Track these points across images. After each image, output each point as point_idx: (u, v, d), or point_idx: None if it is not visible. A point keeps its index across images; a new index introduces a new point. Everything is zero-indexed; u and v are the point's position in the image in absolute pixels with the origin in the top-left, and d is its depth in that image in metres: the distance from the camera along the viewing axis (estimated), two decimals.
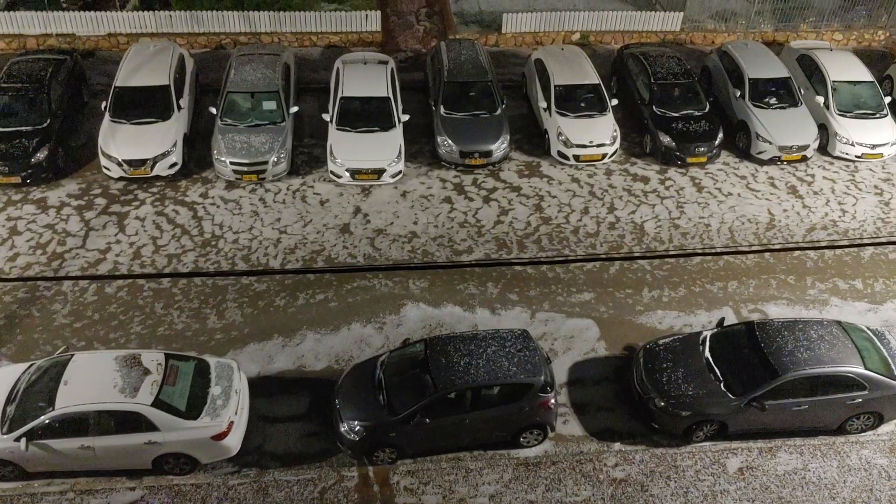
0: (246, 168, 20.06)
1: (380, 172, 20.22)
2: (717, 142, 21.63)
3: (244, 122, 20.60)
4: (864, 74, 23.07)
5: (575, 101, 21.88)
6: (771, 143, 21.63)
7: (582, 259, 19.13)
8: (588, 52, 24.18)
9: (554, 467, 14.94)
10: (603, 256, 19.06)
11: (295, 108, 21.39)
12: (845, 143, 22.08)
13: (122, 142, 19.90)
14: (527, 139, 22.57)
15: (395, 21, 27.36)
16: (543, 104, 22.07)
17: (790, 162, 22.07)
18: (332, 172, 20.40)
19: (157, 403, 13.67)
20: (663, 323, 17.67)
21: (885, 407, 15.28)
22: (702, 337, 15.99)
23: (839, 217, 20.59)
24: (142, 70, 21.23)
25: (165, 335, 16.74)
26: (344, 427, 14.41)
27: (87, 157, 20.94)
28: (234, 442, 14.23)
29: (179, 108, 20.78)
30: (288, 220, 19.62)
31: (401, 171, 20.59)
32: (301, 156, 21.51)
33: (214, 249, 18.70)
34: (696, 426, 15.04)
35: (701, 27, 27.34)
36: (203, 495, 14.15)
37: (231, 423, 14.08)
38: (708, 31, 27.32)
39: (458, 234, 19.44)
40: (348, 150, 20.23)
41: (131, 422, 13.58)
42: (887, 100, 22.78)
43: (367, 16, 25.86)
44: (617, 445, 15.37)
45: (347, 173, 20.18)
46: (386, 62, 22.54)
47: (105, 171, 20.07)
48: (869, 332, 16.00)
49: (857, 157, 22.16)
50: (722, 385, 15.05)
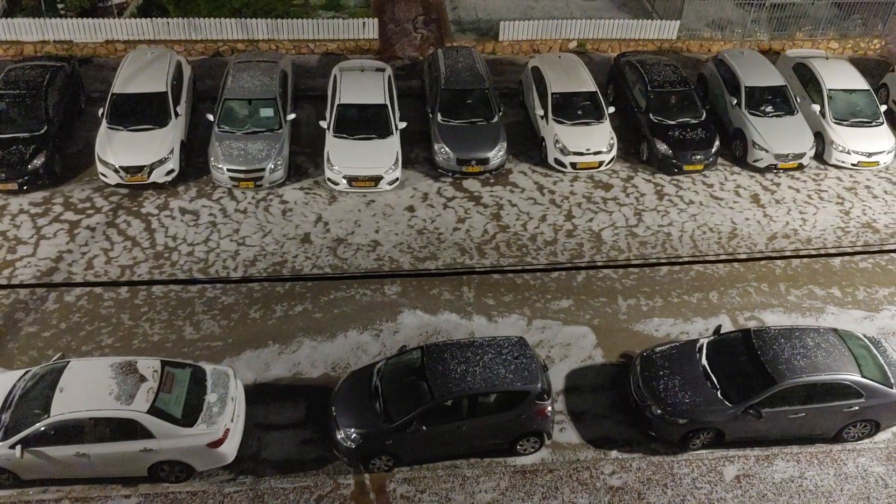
0: (243, 175, 20.06)
1: (377, 180, 20.23)
2: (713, 150, 21.68)
3: (241, 129, 20.61)
4: (860, 83, 23.16)
5: (572, 108, 21.92)
6: (767, 151, 21.68)
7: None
8: (585, 59, 24.25)
9: (551, 475, 14.91)
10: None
11: (292, 116, 21.42)
12: (841, 152, 22.15)
13: (119, 148, 19.89)
14: (524, 146, 22.61)
15: (392, 29, 27.43)
16: (540, 112, 22.11)
17: (786, 170, 22.13)
18: (330, 179, 20.41)
19: (153, 411, 13.62)
20: (660, 330, 17.68)
21: (881, 415, 15.29)
22: (698, 344, 15.99)
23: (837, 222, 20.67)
24: (139, 77, 21.25)
25: (142, 348, 16.51)
26: (340, 434, 14.38)
27: (84, 164, 20.94)
28: (230, 449, 14.18)
29: (176, 114, 20.79)
30: (247, 230, 19.42)
31: (398, 179, 20.61)
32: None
33: (168, 262, 18.45)
34: (693, 434, 15.03)
35: (697, 35, 27.44)
36: (199, 503, 14.09)
37: (227, 431, 14.03)
38: (704, 40, 27.42)
39: (450, 240, 19.46)
40: (345, 157, 20.25)
41: (127, 429, 13.53)
42: (883, 108, 22.88)
43: (364, 23, 25.91)
44: (614, 453, 15.35)
45: (344, 180, 20.18)
46: (383, 70, 22.58)
47: (102, 177, 20.05)
48: (866, 339, 16.01)
49: (853, 165, 22.23)
50: (719, 393, 15.04)
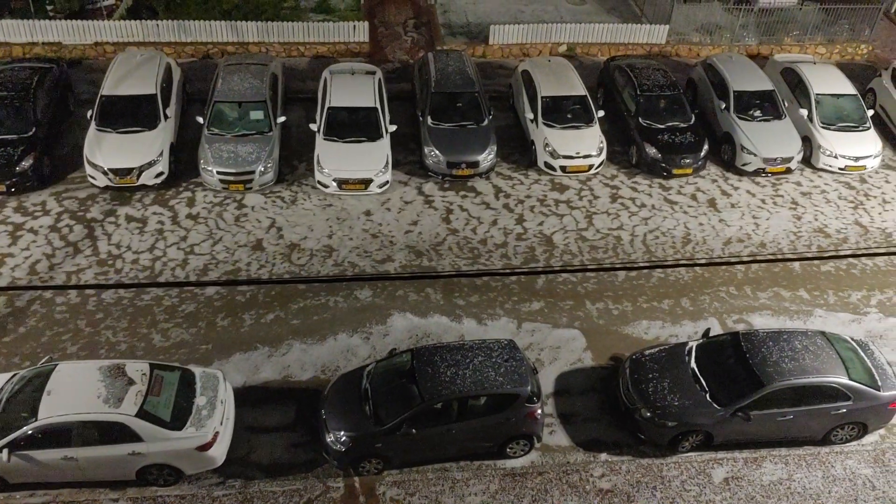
0: (233, 178, 20.02)
1: (367, 182, 20.23)
2: (702, 153, 21.77)
3: (231, 131, 20.57)
4: (847, 87, 23.30)
5: (562, 112, 21.99)
6: (755, 155, 21.80)
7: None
8: (574, 63, 24.31)
9: (540, 478, 14.93)
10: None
11: (282, 118, 21.39)
12: (829, 156, 22.29)
13: (108, 151, 19.81)
14: (513, 150, 22.66)
15: (382, 32, 27.45)
16: (530, 115, 22.16)
17: (774, 174, 22.24)
18: (320, 182, 20.39)
19: (142, 414, 13.57)
20: (649, 333, 17.74)
21: (868, 417, 15.38)
22: (688, 347, 16.04)
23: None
24: (128, 79, 21.18)
25: (113, 355, 16.33)
26: (330, 437, 14.35)
27: (72, 166, 20.85)
28: (219, 453, 14.14)
29: (166, 117, 20.73)
30: (195, 238, 19.14)
31: (388, 182, 20.61)
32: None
33: (112, 269, 18.21)
34: (682, 436, 15.08)
35: (686, 40, 27.57)
36: None
37: (216, 434, 13.99)
38: (693, 44, 27.55)
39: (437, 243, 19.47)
40: (336, 160, 20.24)
41: (115, 432, 13.47)
42: (870, 113, 23.03)
43: (354, 26, 25.91)
44: (603, 456, 15.38)
45: (334, 183, 20.17)
46: (373, 73, 22.58)
47: (91, 179, 19.97)
48: (853, 342, 16.11)
49: (840, 169, 22.37)
50: (708, 395, 15.09)
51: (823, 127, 22.59)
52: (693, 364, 15.65)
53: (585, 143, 21.49)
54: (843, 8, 27.72)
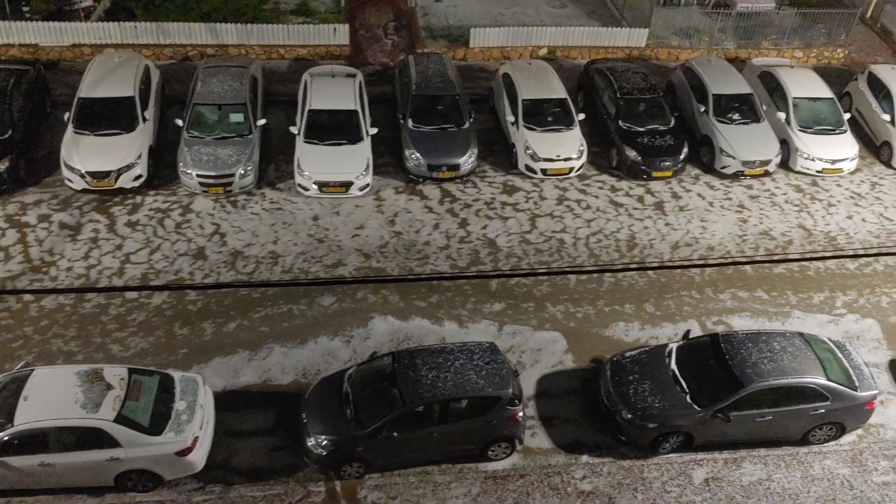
0: (213, 181, 19.89)
1: (347, 185, 20.18)
2: (682, 156, 21.91)
3: (211, 134, 20.44)
4: (824, 91, 23.54)
5: (542, 115, 22.05)
6: (734, 157, 21.96)
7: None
8: (555, 66, 24.38)
9: (522, 480, 14.94)
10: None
11: (262, 121, 21.29)
12: (806, 159, 22.50)
13: (85, 153, 19.62)
14: (494, 153, 22.69)
15: (363, 35, 27.41)
16: (511, 118, 22.20)
17: (753, 176, 22.42)
18: (300, 185, 20.31)
19: (120, 419, 13.44)
20: (629, 335, 17.81)
21: (846, 417, 15.53)
22: (668, 349, 16.13)
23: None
24: (106, 81, 20.99)
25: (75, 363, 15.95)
26: (311, 441, 14.29)
27: (49, 169, 20.62)
28: (198, 457, 14.03)
29: (145, 119, 20.56)
30: (131, 247, 18.72)
31: (369, 184, 20.57)
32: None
33: (46, 277, 17.82)
34: (663, 438, 15.15)
35: (665, 43, 27.74)
36: None
37: (196, 439, 13.89)
38: (672, 48, 27.73)
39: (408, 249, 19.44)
40: (316, 162, 20.17)
41: (93, 438, 13.34)
42: (846, 116, 23.27)
43: (335, 29, 25.85)
44: (584, 458, 15.42)
45: (315, 186, 20.10)
46: (354, 75, 22.53)
47: (67, 182, 19.76)
48: (830, 343, 16.26)
49: (817, 171, 22.59)
50: (688, 397, 15.17)
51: (801, 130, 22.80)
52: (673, 366, 15.73)
53: (566, 146, 21.56)
54: (819, 12, 28.03)
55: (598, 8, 29.48)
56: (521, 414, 14.67)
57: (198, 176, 19.82)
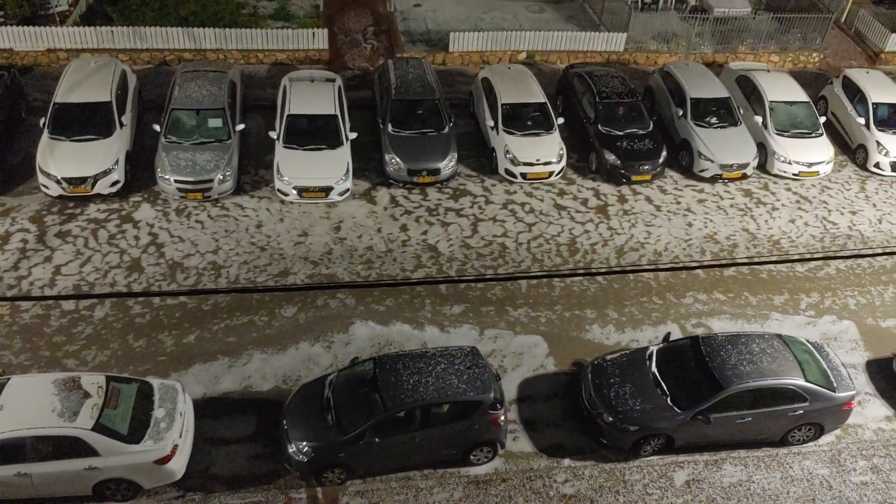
0: (191, 186, 19.75)
1: (327, 190, 20.11)
2: (661, 160, 22.04)
3: (189, 139, 20.30)
4: (800, 95, 23.79)
5: (522, 119, 22.11)
6: (712, 161, 22.12)
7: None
8: (534, 71, 24.47)
9: (504, 484, 14.93)
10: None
11: (241, 126, 21.17)
12: (783, 162, 22.71)
13: (61, 159, 19.42)
14: (475, 157, 22.72)
15: (342, 39, 27.36)
16: (490, 122, 22.23)
17: (730, 180, 22.60)
18: (279, 190, 20.22)
19: (98, 427, 13.29)
20: (610, 339, 17.87)
21: (825, 418, 15.66)
22: (648, 352, 16.20)
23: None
24: (82, 86, 20.79)
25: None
26: (292, 448, 14.20)
27: (24, 175, 20.38)
28: (178, 466, 13.90)
29: (121, 124, 20.38)
30: (61, 259, 18.17)
31: (348, 189, 20.51)
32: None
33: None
34: (644, 440, 15.20)
35: (643, 48, 27.92)
36: None
37: (175, 447, 13.76)
38: (650, 52, 27.91)
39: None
40: (295, 167, 20.08)
41: (70, 447, 13.18)
42: (822, 119, 23.52)
43: (314, 34, 25.78)
44: (566, 461, 15.44)
45: (294, 191, 20.02)
46: (333, 80, 22.48)
47: (43, 188, 19.54)
48: (809, 344, 16.40)
49: (794, 175, 22.81)
50: (668, 399, 15.24)
51: (778, 133, 23.02)
52: (654, 368, 15.79)
53: (545, 150, 21.62)
54: (795, 17, 28.34)
55: (576, 12, 29.63)
56: (503, 418, 14.67)
57: (176, 182, 19.67)
